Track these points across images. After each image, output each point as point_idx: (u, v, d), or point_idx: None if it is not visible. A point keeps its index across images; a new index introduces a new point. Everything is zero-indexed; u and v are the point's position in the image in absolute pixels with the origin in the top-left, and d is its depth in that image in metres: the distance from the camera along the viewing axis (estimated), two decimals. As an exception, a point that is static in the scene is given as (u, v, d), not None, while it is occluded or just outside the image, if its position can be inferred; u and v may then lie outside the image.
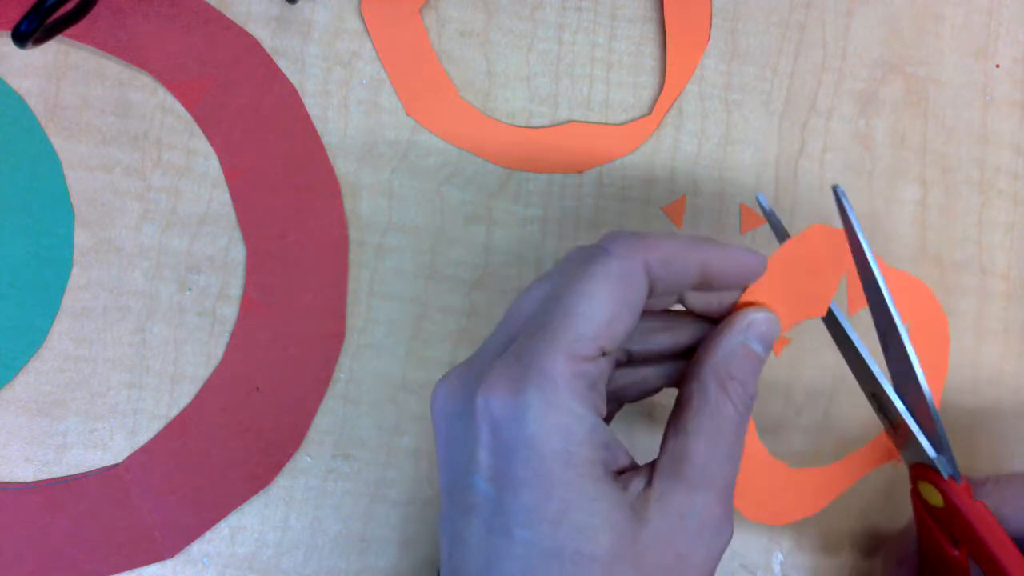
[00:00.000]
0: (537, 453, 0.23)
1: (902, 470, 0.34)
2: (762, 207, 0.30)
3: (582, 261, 0.25)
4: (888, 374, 0.30)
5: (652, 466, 0.25)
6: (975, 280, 0.39)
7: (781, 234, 0.30)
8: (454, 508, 0.25)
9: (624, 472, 0.25)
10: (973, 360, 0.39)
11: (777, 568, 0.37)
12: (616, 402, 0.29)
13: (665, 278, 0.26)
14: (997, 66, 0.40)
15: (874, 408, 0.31)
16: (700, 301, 0.28)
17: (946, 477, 0.30)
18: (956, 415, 0.39)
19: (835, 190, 0.28)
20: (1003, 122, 0.40)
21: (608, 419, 0.30)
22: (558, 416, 0.23)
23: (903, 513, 0.37)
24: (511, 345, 0.25)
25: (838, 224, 0.29)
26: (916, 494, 0.32)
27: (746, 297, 0.28)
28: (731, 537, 0.25)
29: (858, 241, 0.28)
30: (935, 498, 0.30)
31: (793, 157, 0.39)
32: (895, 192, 0.39)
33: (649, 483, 0.25)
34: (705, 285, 0.27)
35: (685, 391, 0.27)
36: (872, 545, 0.38)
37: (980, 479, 0.32)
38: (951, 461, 0.30)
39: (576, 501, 0.23)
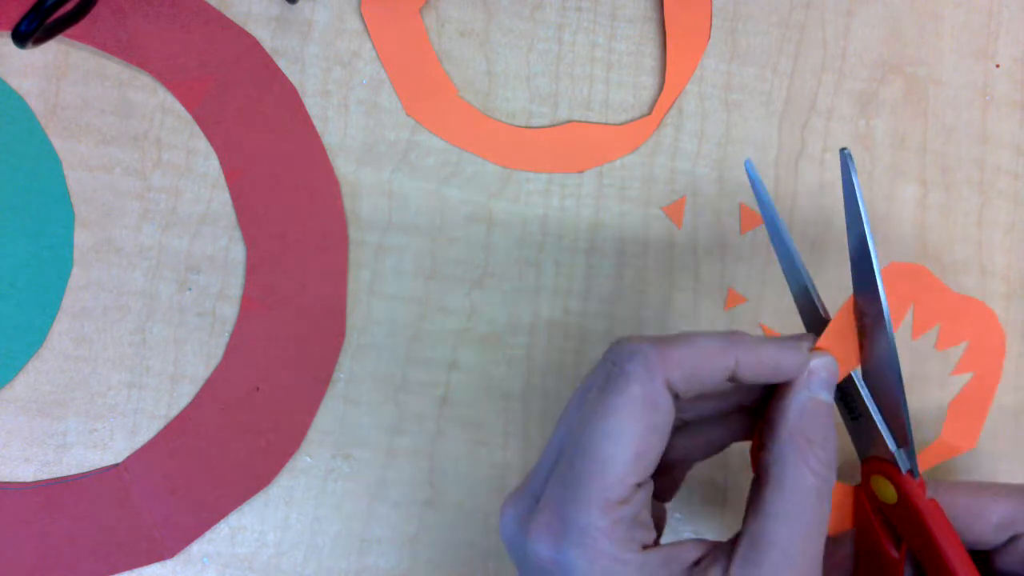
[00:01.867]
0: None
1: (849, 465, 0.34)
2: (749, 175, 0.29)
3: (601, 390, 0.25)
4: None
5: (731, 551, 0.25)
6: (975, 280, 0.39)
7: (765, 206, 0.29)
8: None
9: (699, 563, 0.24)
10: (973, 360, 0.39)
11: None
12: (684, 463, 0.29)
13: (691, 389, 0.25)
14: (997, 66, 0.40)
15: (835, 397, 0.31)
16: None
17: (904, 472, 0.29)
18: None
19: (842, 153, 0.27)
20: (1003, 122, 0.40)
21: (678, 482, 0.30)
22: (603, 565, 0.23)
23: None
24: (546, 489, 0.25)
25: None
26: (864, 489, 0.31)
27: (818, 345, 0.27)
28: None
29: (858, 208, 0.27)
30: (888, 493, 0.29)
31: (793, 157, 0.39)
32: (895, 192, 0.39)
33: (727, 571, 0.24)
34: (736, 381, 0.26)
35: (762, 463, 0.26)
36: None
37: (930, 483, 0.32)
38: (911, 457, 0.29)
39: None
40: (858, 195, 0.27)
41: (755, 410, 0.29)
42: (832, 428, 0.26)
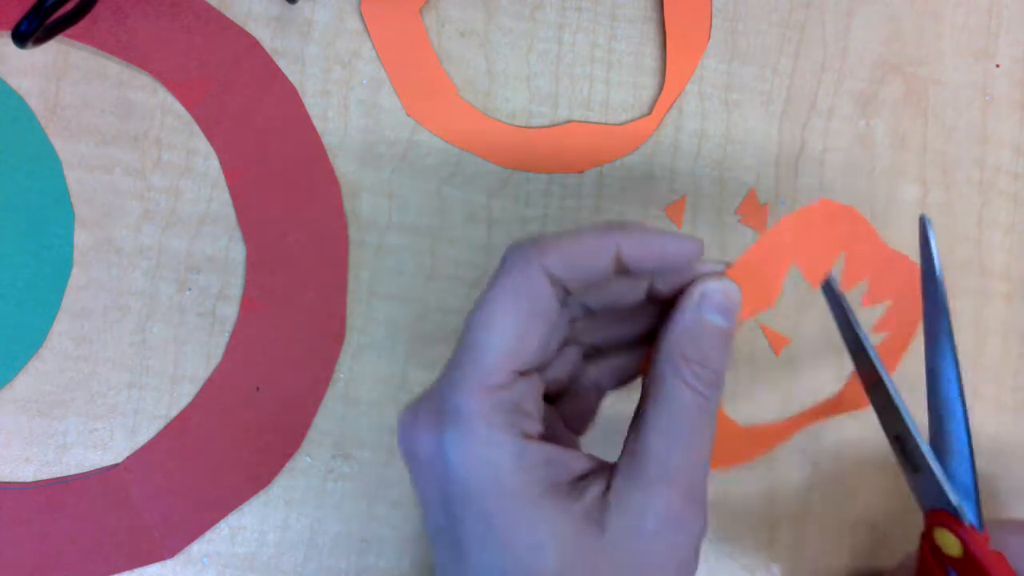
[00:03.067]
0: (466, 489, 0.23)
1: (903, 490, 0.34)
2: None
3: (487, 286, 0.25)
4: (921, 417, 0.29)
5: (613, 467, 0.25)
6: (975, 280, 0.39)
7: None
8: (431, 534, 0.25)
9: (585, 477, 0.25)
10: (973, 360, 0.39)
11: (776, 568, 0.37)
12: (597, 391, 0.29)
13: (575, 276, 0.25)
14: (997, 66, 0.40)
15: (894, 450, 0.30)
16: (667, 286, 0.26)
17: (967, 525, 0.29)
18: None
19: (922, 220, 0.27)
20: (1003, 122, 0.40)
21: (591, 411, 0.29)
22: (477, 450, 0.23)
23: (902, 526, 0.37)
24: (432, 385, 0.25)
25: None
26: (928, 542, 0.30)
27: (729, 273, 0.26)
28: (703, 530, 0.24)
29: (935, 276, 0.27)
30: (953, 548, 0.29)
31: (793, 157, 0.39)
32: (895, 192, 0.39)
33: (608, 486, 0.24)
34: (625, 271, 0.25)
35: (644, 381, 0.26)
36: (871, 549, 0.38)
37: (996, 524, 0.31)
38: (975, 509, 0.29)
39: (516, 524, 0.23)
40: (937, 268, 0.27)
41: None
42: (721, 354, 0.25)
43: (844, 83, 0.39)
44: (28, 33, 0.31)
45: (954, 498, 0.29)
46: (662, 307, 0.27)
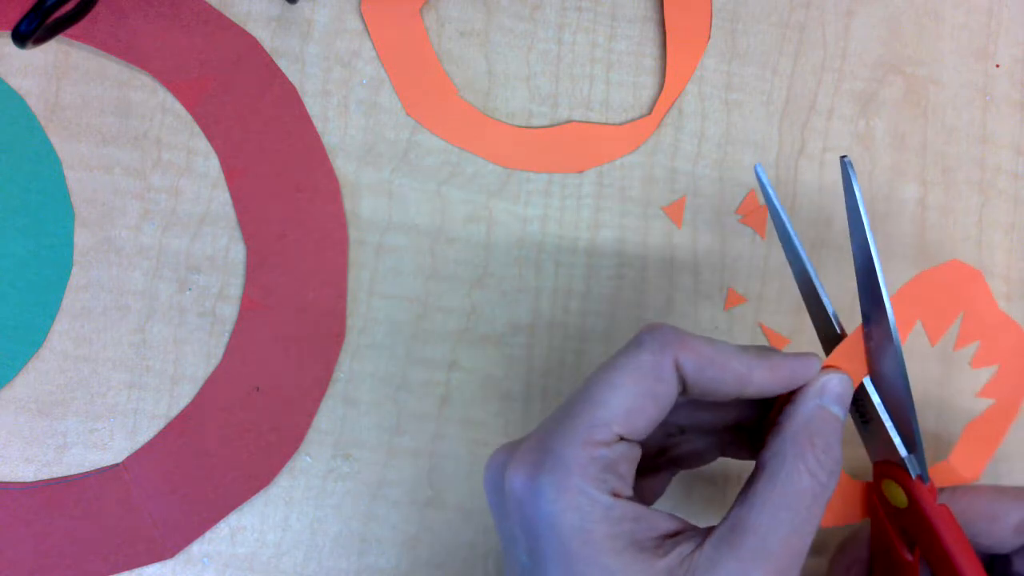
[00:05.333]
0: (555, 531, 0.24)
1: (862, 469, 0.34)
2: (760, 180, 0.29)
3: (618, 353, 0.26)
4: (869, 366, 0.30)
5: (708, 533, 0.25)
6: (975, 280, 0.39)
7: (774, 212, 0.29)
8: (509, 570, 0.26)
9: (673, 536, 0.25)
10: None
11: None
12: (673, 469, 0.30)
13: (699, 382, 0.26)
14: (997, 66, 0.40)
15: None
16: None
17: (914, 477, 0.29)
18: (954, 416, 0.38)
19: (843, 161, 0.27)
20: (1003, 122, 0.40)
21: (663, 486, 0.30)
22: (571, 497, 0.24)
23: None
24: (537, 428, 0.26)
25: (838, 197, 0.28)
26: (878, 493, 0.31)
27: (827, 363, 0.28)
28: None
29: (860, 216, 0.27)
30: (899, 498, 0.30)
31: (793, 157, 0.39)
32: (895, 192, 0.39)
33: (699, 547, 0.24)
34: (748, 395, 0.26)
35: (760, 459, 0.26)
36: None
37: (946, 488, 0.32)
38: (921, 461, 0.29)
39: (597, 572, 0.24)
40: (859, 202, 0.27)
41: (749, 429, 0.30)
42: (837, 442, 0.26)
43: (844, 83, 0.39)
44: (28, 33, 0.31)
45: (901, 449, 0.29)
46: (755, 400, 0.28)
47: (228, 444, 0.35)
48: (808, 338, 0.38)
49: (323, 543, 0.36)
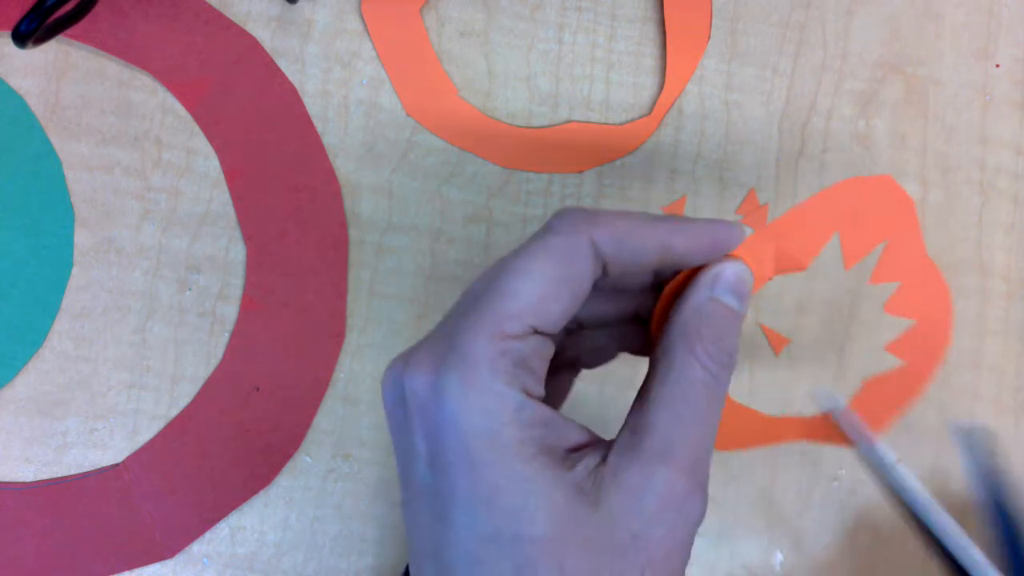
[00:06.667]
0: (460, 434, 0.22)
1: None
2: (825, 402, 0.27)
3: (527, 241, 0.24)
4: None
5: (611, 442, 0.24)
6: (975, 280, 0.39)
7: (855, 435, 0.26)
8: (406, 494, 0.24)
9: (579, 449, 0.23)
10: (973, 360, 0.39)
11: (777, 567, 0.37)
12: (572, 369, 0.28)
13: (620, 257, 0.24)
14: (997, 66, 0.40)
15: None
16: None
17: None
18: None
19: (959, 432, 0.26)
20: (1003, 122, 0.40)
21: (565, 388, 0.29)
22: (478, 396, 0.22)
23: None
24: (439, 324, 0.24)
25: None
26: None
27: (771, 226, 0.25)
28: (702, 514, 0.23)
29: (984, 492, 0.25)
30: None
31: (793, 157, 0.39)
32: (895, 192, 0.39)
33: (604, 460, 0.23)
34: (671, 265, 0.25)
35: (652, 358, 0.25)
36: (872, 550, 0.38)
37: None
38: None
39: (506, 483, 0.22)
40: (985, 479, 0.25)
41: (647, 321, 0.28)
42: (731, 334, 0.24)
43: (844, 83, 0.39)
44: (28, 33, 0.31)
45: None
46: (654, 287, 0.26)
47: (228, 444, 0.35)
48: (809, 338, 0.38)
49: (323, 543, 0.36)
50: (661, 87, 0.38)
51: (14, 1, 0.36)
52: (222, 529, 0.35)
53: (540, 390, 0.24)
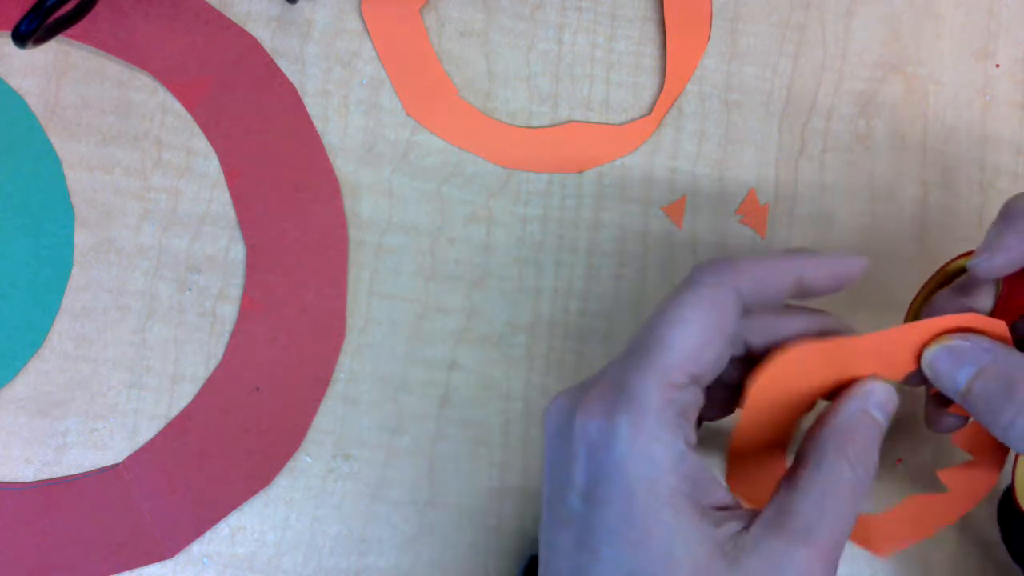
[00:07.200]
0: (623, 476, 0.24)
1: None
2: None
3: (675, 290, 0.26)
4: None
5: (754, 514, 0.25)
6: (975, 280, 0.39)
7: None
8: (552, 520, 0.26)
9: (721, 510, 0.25)
10: (973, 360, 0.39)
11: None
12: (699, 422, 0.30)
13: (758, 299, 0.26)
14: (997, 66, 0.40)
15: None
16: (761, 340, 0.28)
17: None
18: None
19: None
20: (1003, 122, 0.40)
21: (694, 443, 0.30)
22: (646, 442, 0.24)
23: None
24: (607, 369, 0.26)
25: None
26: None
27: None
28: None
29: None
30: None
31: (793, 157, 0.39)
32: (895, 192, 0.39)
33: (746, 528, 0.24)
34: (801, 295, 0.27)
35: (801, 452, 0.27)
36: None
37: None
38: None
39: (657, 528, 0.24)
40: None
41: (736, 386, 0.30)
42: (875, 446, 0.26)
43: (844, 83, 0.39)
44: (28, 33, 0.31)
45: None
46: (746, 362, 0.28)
47: (228, 444, 0.35)
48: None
49: (323, 543, 0.36)
50: (661, 87, 0.38)
51: (14, 1, 0.36)
52: (222, 529, 0.35)
53: (694, 438, 0.25)
